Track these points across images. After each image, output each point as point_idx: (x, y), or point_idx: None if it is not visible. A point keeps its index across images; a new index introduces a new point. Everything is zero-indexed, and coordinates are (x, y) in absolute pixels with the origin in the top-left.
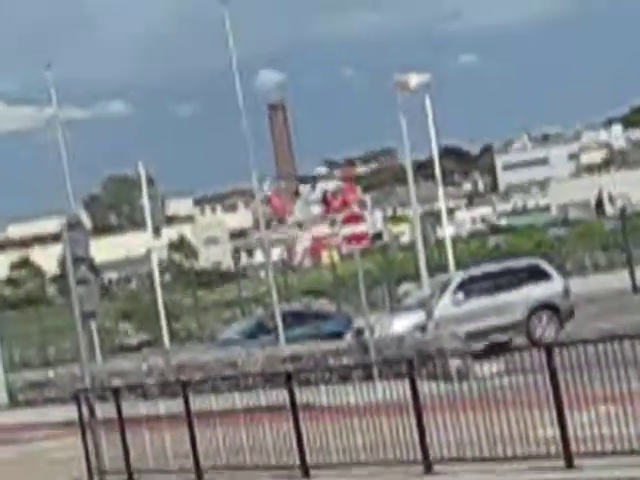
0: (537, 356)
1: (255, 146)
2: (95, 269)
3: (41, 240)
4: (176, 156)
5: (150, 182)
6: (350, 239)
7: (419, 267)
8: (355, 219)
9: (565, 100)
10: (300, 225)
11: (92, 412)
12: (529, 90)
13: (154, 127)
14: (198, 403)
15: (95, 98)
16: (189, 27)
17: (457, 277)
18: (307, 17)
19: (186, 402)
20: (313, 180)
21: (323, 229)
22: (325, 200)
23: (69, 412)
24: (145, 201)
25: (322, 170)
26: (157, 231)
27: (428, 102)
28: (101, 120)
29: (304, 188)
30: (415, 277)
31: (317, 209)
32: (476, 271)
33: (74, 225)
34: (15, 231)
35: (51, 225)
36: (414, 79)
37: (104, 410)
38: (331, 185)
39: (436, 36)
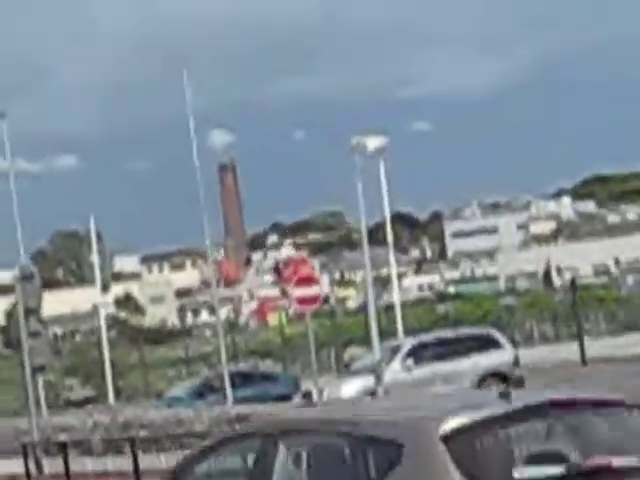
0: None
1: (205, 206)
2: (43, 322)
3: None
4: (124, 212)
5: (98, 238)
6: (302, 301)
7: (370, 331)
8: (308, 281)
9: (516, 169)
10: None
11: (39, 466)
12: (480, 158)
13: (103, 182)
14: (145, 460)
15: (45, 151)
16: (145, 82)
17: (408, 343)
18: (262, 78)
19: (134, 459)
20: (264, 246)
21: (269, 292)
22: (277, 269)
23: (12, 466)
24: (95, 257)
25: (274, 238)
26: (105, 287)
27: (382, 167)
28: (51, 174)
29: (256, 255)
30: (362, 341)
31: (269, 277)
32: (427, 338)
33: (27, 277)
34: None
35: None
36: (372, 142)
37: (50, 465)
38: (283, 253)
39: (391, 101)
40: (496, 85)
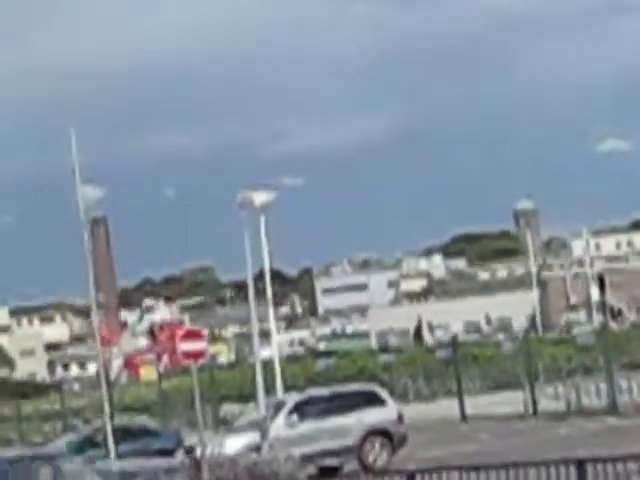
0: None
1: (75, 260)
2: None
3: None
4: None
5: None
6: (188, 355)
7: (256, 386)
8: (194, 336)
9: (386, 227)
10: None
11: None
12: (351, 215)
13: None
14: None
15: None
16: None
17: (292, 399)
18: (131, 134)
19: None
20: (134, 304)
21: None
22: (152, 333)
23: None
24: None
25: (149, 302)
26: None
27: (263, 221)
28: None
29: (128, 315)
30: (237, 397)
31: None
32: (310, 394)
33: None
34: None
35: None
36: (259, 197)
37: None
38: (157, 315)
39: (261, 156)
40: (368, 142)
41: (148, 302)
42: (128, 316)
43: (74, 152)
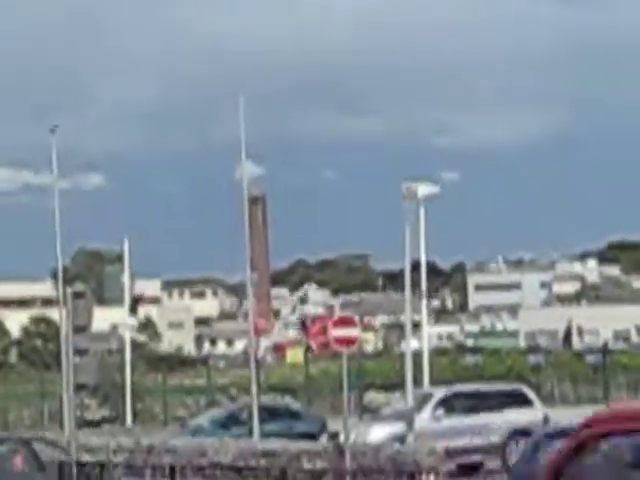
0: None
1: (231, 237)
2: (91, 341)
3: (7, 303)
4: (149, 236)
5: (119, 259)
6: (341, 341)
7: (405, 377)
8: (347, 323)
9: (542, 227)
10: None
11: None
12: (508, 213)
13: (130, 204)
14: None
15: (74, 168)
16: (183, 107)
17: (439, 392)
18: (293, 115)
19: None
20: (287, 283)
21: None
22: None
23: None
24: (126, 278)
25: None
26: (133, 309)
27: (422, 213)
28: (77, 191)
29: (279, 291)
30: (381, 386)
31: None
32: (459, 389)
33: (79, 295)
34: None
35: (16, 288)
36: (422, 189)
37: None
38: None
39: (423, 148)
40: (530, 140)
41: (301, 294)
42: (279, 295)
43: (242, 126)
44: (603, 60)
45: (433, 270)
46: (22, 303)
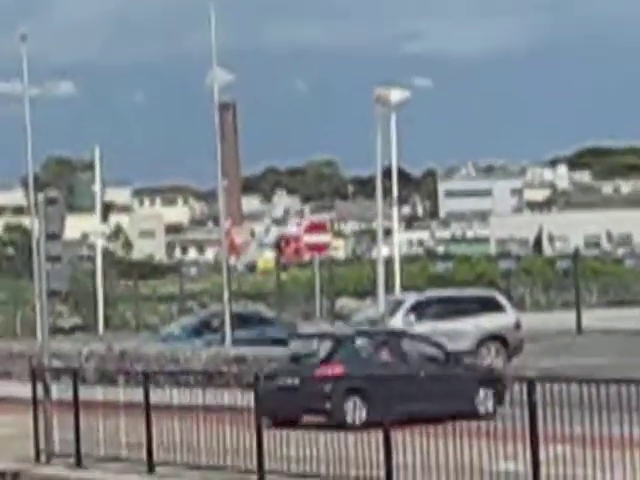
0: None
1: (201, 143)
2: (64, 248)
3: None
4: (119, 143)
5: (90, 167)
6: (313, 247)
7: (377, 283)
8: (319, 229)
9: (513, 134)
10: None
11: (47, 391)
12: (478, 120)
13: (99, 112)
14: (137, 395)
15: (44, 76)
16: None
17: (411, 298)
18: (264, 24)
19: (146, 393)
20: (257, 190)
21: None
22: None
23: (5, 388)
24: (97, 186)
25: (277, 213)
26: (104, 217)
27: (394, 120)
28: (47, 99)
29: (250, 201)
30: (353, 293)
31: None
32: (430, 294)
33: (51, 201)
34: None
35: None
36: (395, 95)
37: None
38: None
39: (393, 55)
40: (502, 48)
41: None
42: (252, 208)
43: (212, 32)
44: None
45: (404, 177)
46: None
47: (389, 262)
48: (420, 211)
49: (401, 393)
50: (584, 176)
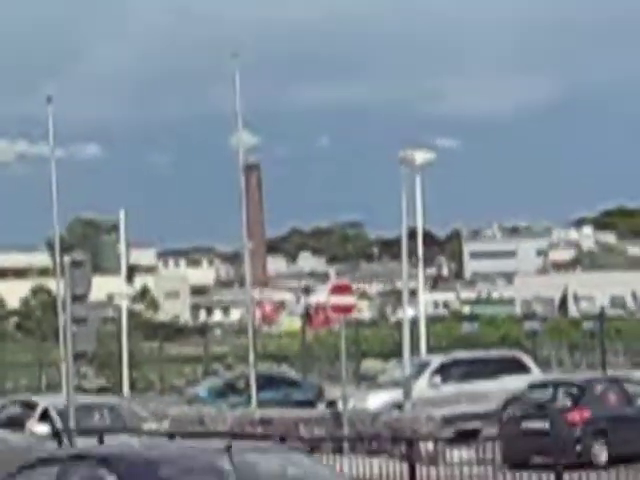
0: None
1: (226, 205)
2: (90, 310)
3: (2, 273)
4: (144, 205)
5: (115, 228)
6: (337, 309)
7: (402, 345)
8: (343, 290)
9: (538, 194)
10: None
11: None
12: (503, 181)
13: (124, 174)
14: None
15: (69, 138)
16: (178, 75)
17: (436, 360)
18: (285, 84)
19: None
20: (282, 251)
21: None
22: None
23: None
24: (122, 247)
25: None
26: (130, 278)
27: (419, 181)
28: (72, 162)
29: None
30: (378, 354)
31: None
32: (455, 356)
33: (77, 263)
34: None
35: (12, 258)
36: (420, 156)
37: None
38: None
39: (418, 115)
40: (526, 108)
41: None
42: (274, 263)
43: (237, 93)
44: (593, 27)
45: (429, 238)
46: (18, 273)
47: (414, 323)
48: (445, 272)
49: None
50: (609, 237)
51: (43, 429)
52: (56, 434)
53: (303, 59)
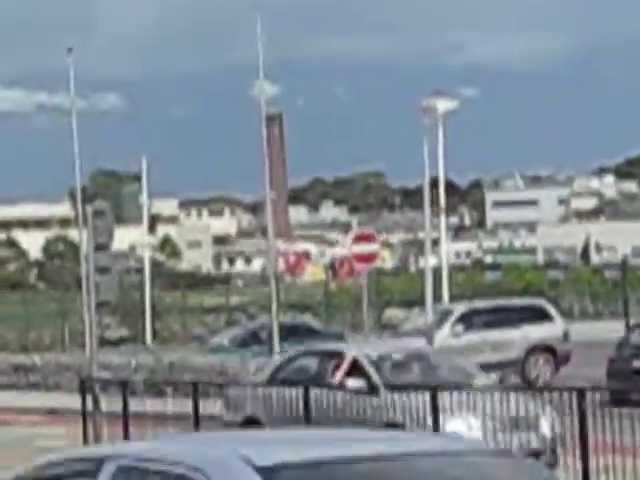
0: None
1: (248, 155)
2: (113, 259)
3: (24, 224)
4: (166, 155)
5: (137, 179)
6: (361, 258)
7: (425, 293)
8: (367, 239)
9: (560, 143)
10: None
11: (97, 403)
12: (525, 130)
13: (146, 124)
14: (187, 406)
15: (90, 89)
16: (198, 27)
17: (459, 309)
18: (307, 34)
19: (195, 404)
20: (305, 201)
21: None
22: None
23: (54, 399)
24: (144, 198)
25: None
26: (152, 228)
27: (441, 131)
28: (93, 112)
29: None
30: (400, 303)
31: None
32: (478, 305)
33: (100, 213)
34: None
35: (33, 209)
36: (442, 104)
37: (106, 403)
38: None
39: (439, 65)
40: (548, 58)
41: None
42: (296, 213)
43: (259, 44)
44: None
45: (451, 187)
46: (39, 224)
47: (437, 272)
48: (467, 221)
49: None
50: (631, 185)
51: (356, 384)
52: (372, 389)
53: (324, 10)
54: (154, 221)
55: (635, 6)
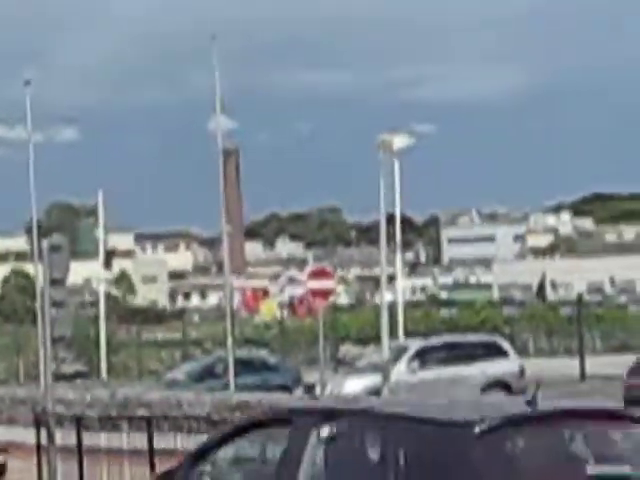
0: None
1: (205, 191)
2: (67, 294)
3: None
4: (122, 189)
5: (93, 213)
6: (316, 294)
7: (380, 330)
8: (322, 275)
9: (516, 180)
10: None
11: (51, 438)
12: (482, 166)
13: (101, 157)
14: (141, 440)
15: (48, 122)
16: (155, 60)
17: (415, 345)
18: (264, 70)
19: (150, 439)
20: (260, 235)
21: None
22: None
23: (10, 433)
24: (100, 231)
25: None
26: (107, 263)
27: (397, 167)
28: (50, 145)
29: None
30: (356, 339)
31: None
32: (434, 341)
33: (55, 247)
34: None
35: None
36: (398, 141)
37: (60, 437)
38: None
39: (396, 100)
40: (504, 95)
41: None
42: (252, 248)
43: (216, 78)
44: (576, 16)
45: (407, 223)
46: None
47: (392, 308)
48: (423, 257)
49: None
50: (587, 222)
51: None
52: None
53: (282, 45)
54: (110, 255)
55: (591, 42)
